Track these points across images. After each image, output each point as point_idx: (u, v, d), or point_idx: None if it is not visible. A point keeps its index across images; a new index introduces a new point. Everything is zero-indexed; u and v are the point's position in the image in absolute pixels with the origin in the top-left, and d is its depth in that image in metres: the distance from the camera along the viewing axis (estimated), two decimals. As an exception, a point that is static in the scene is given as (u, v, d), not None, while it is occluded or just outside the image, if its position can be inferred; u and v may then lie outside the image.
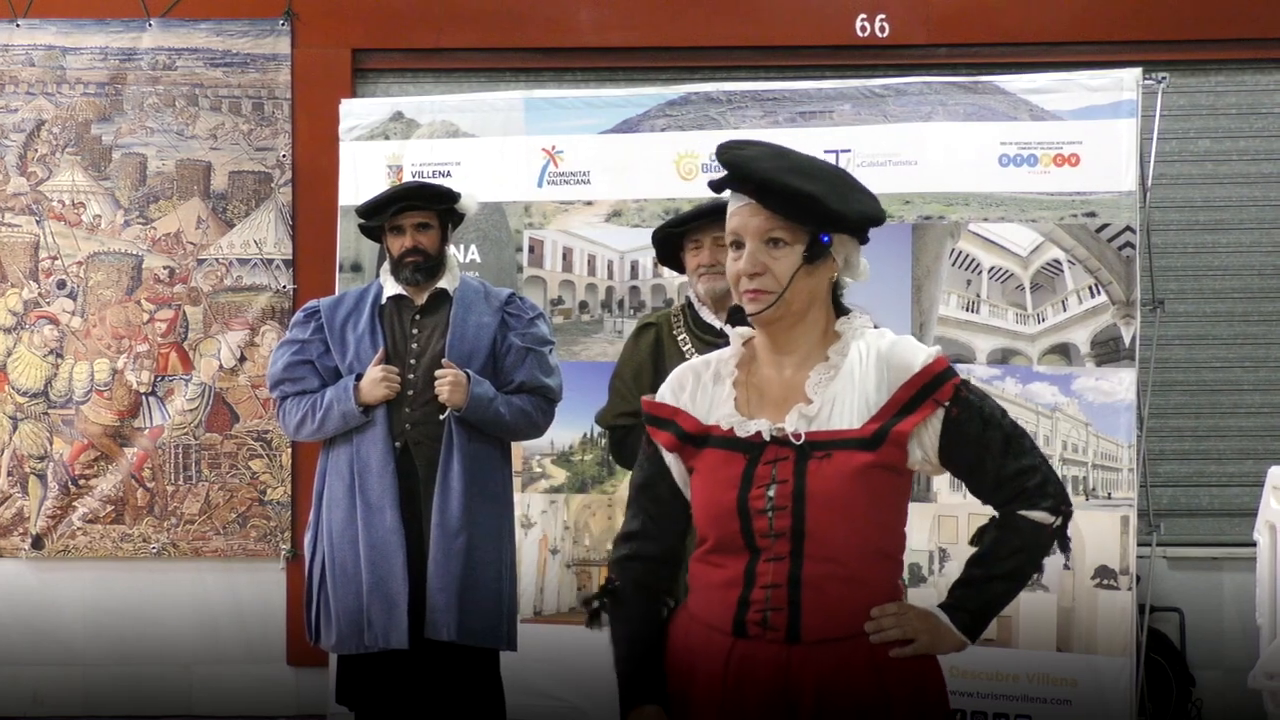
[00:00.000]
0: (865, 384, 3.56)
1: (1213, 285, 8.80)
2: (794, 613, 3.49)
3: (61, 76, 8.91)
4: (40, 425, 8.85)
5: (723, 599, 3.56)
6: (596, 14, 8.92)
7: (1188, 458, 8.80)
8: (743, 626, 3.53)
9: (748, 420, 3.57)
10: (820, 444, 3.51)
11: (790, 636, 3.49)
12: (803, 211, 3.53)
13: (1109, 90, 7.52)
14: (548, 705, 7.72)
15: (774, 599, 3.49)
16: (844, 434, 3.51)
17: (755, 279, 3.53)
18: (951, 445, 3.57)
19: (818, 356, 3.61)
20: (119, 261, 8.88)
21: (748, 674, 3.51)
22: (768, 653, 3.50)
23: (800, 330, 3.61)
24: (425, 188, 6.54)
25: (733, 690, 3.52)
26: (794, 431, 3.52)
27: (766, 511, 3.50)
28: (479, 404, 6.19)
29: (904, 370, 3.55)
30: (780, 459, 3.52)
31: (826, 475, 3.47)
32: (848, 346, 3.61)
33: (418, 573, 6.19)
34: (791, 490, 3.48)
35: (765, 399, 3.61)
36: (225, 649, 8.94)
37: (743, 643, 3.52)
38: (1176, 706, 8.32)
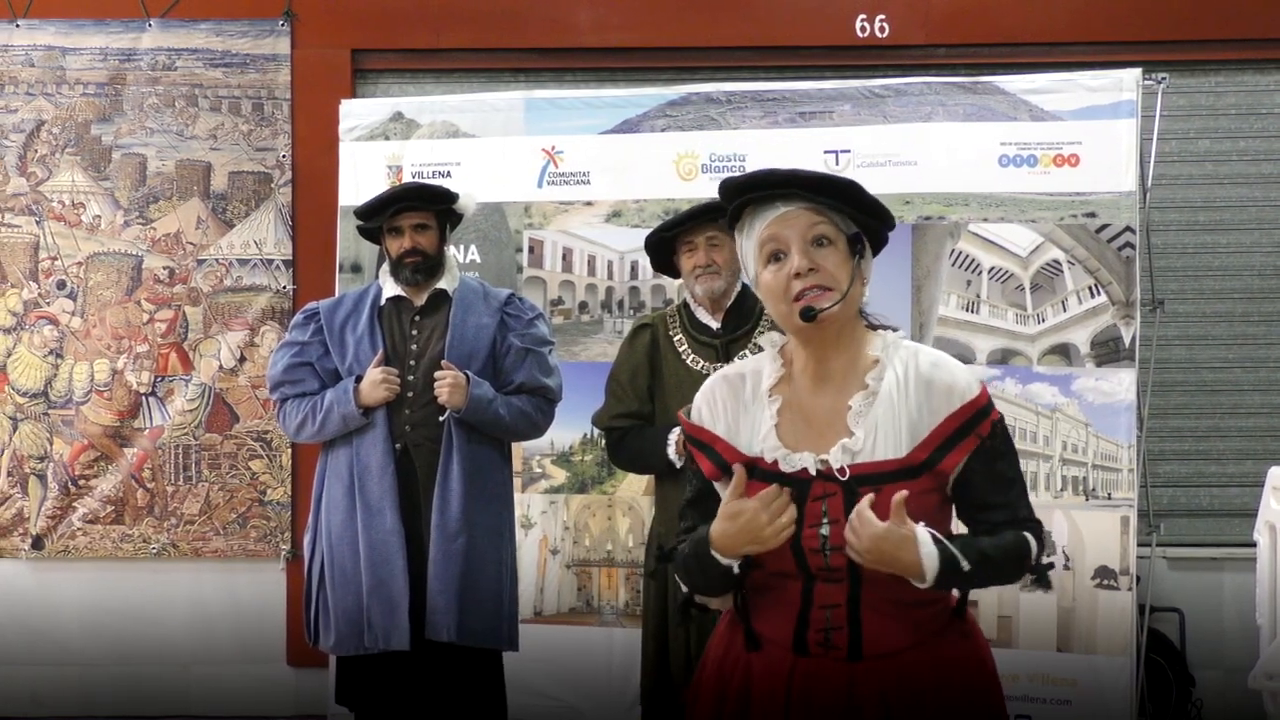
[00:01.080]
0: (908, 408, 3.54)
1: (1213, 285, 8.80)
2: (854, 631, 3.53)
3: (61, 77, 8.91)
4: (40, 426, 8.85)
5: (781, 615, 3.60)
6: (596, 14, 8.92)
7: (1188, 458, 8.80)
8: (804, 645, 3.56)
9: (792, 454, 3.56)
10: (867, 478, 3.49)
11: (852, 655, 3.53)
12: (850, 196, 3.56)
13: (1109, 90, 7.53)
14: (547, 705, 7.73)
15: (834, 619, 3.54)
16: (889, 465, 3.50)
17: (813, 275, 3.50)
18: (972, 474, 3.56)
19: (856, 383, 3.58)
20: (119, 262, 8.88)
21: (814, 690, 3.54)
22: (831, 671, 3.54)
23: (839, 347, 3.59)
24: (423, 188, 6.55)
25: (798, 706, 3.55)
26: (839, 467, 3.51)
27: (821, 550, 3.51)
28: (478, 405, 6.19)
29: (949, 395, 3.55)
30: (829, 494, 3.51)
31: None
32: (884, 370, 3.58)
33: (417, 574, 6.19)
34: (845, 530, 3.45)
35: (808, 428, 3.59)
36: (224, 649, 8.94)
37: (805, 660, 3.56)
38: (1176, 707, 8.32)
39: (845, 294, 3.50)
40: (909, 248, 7.73)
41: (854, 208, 3.57)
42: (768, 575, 3.61)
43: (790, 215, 3.54)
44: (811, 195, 3.54)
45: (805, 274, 3.49)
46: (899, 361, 3.59)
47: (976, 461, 3.54)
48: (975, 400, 3.55)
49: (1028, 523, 3.62)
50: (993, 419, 3.56)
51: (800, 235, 3.52)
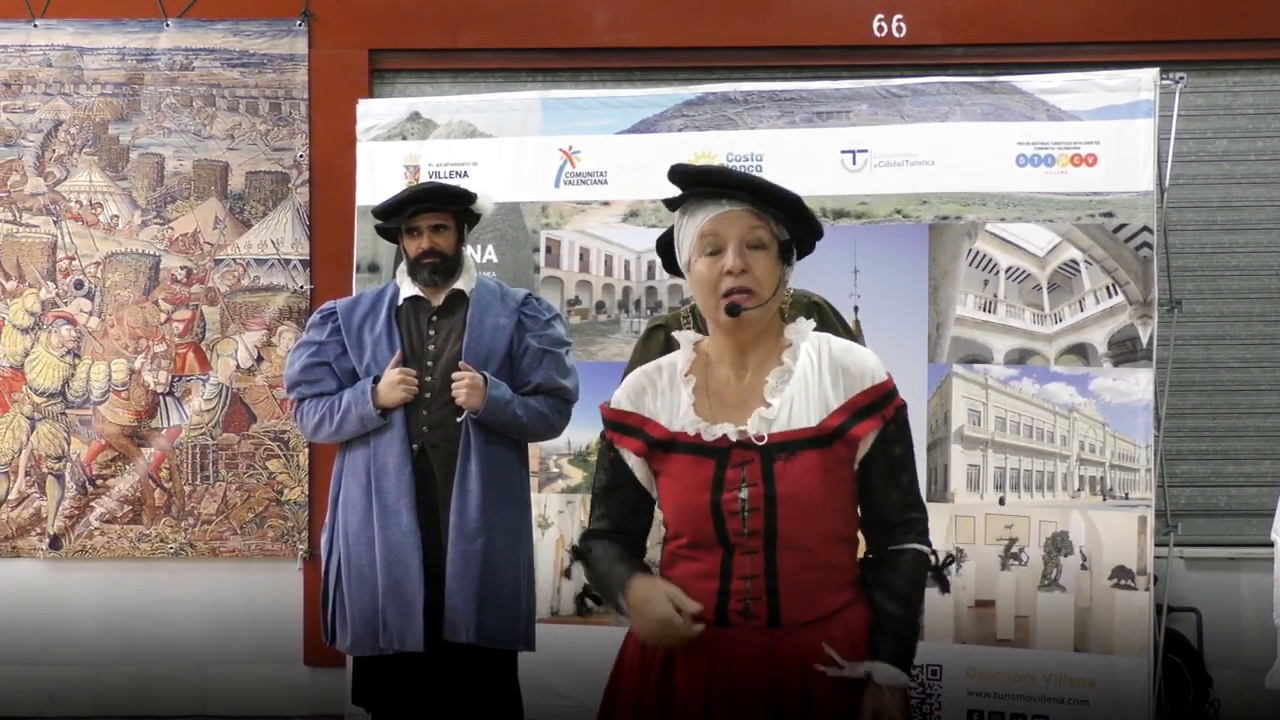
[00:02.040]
0: (821, 384, 3.80)
1: (1230, 285, 8.79)
2: (773, 600, 3.72)
3: (79, 77, 8.92)
4: (58, 425, 8.86)
5: (701, 589, 3.76)
6: (613, 14, 8.92)
7: (1205, 458, 8.79)
8: (725, 615, 3.74)
9: (711, 425, 3.78)
10: (783, 445, 3.73)
11: (771, 622, 3.72)
12: (791, 209, 3.80)
13: (1126, 90, 7.52)
14: (564, 705, 7.72)
15: (753, 589, 3.72)
16: (803, 433, 3.74)
17: (742, 277, 3.72)
18: (874, 457, 3.81)
19: (773, 361, 3.83)
20: (136, 262, 8.89)
21: (736, 658, 3.72)
22: (752, 639, 3.72)
23: (762, 334, 3.84)
24: (441, 189, 6.54)
25: (720, 674, 3.72)
26: (756, 434, 3.74)
27: (740, 513, 3.71)
28: (496, 406, 6.19)
29: (862, 375, 3.81)
30: (747, 461, 3.73)
31: (792, 475, 3.70)
32: (799, 350, 3.84)
33: (434, 575, 6.20)
34: (763, 493, 3.70)
35: (725, 403, 3.82)
36: (241, 649, 8.95)
37: (726, 630, 3.73)
38: (1194, 707, 8.31)
39: (768, 300, 3.76)
40: (926, 247, 7.73)
41: (794, 220, 3.82)
42: (686, 548, 3.82)
43: (732, 215, 3.76)
44: (757, 202, 3.76)
45: (737, 274, 3.72)
46: (811, 345, 3.86)
47: (880, 442, 3.79)
48: (884, 383, 3.81)
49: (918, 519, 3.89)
50: (896, 404, 3.83)
51: (739, 236, 3.74)
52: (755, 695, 3.70)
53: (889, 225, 7.72)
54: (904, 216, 7.73)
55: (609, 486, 3.98)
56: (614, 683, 4.02)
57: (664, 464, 3.85)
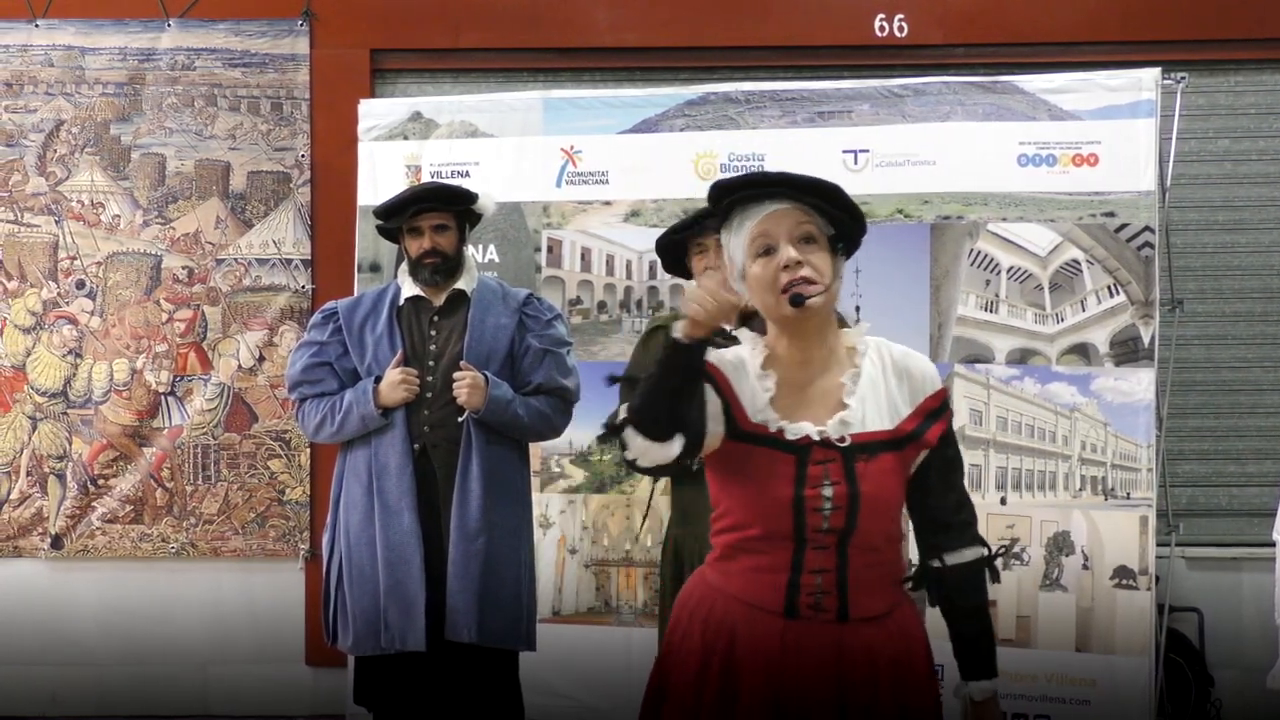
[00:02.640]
0: (889, 388, 3.88)
1: (1232, 285, 8.79)
2: (842, 595, 3.80)
3: (80, 77, 8.93)
4: (59, 425, 8.86)
5: (770, 582, 3.82)
6: (614, 14, 8.92)
7: (1207, 458, 8.79)
8: (795, 608, 3.80)
9: (792, 423, 3.80)
10: (863, 446, 3.79)
11: (840, 616, 3.80)
12: (835, 199, 3.82)
13: (1128, 90, 7.52)
14: (565, 705, 7.73)
15: (824, 583, 3.80)
16: (881, 435, 3.82)
17: (800, 268, 3.75)
18: (933, 460, 3.93)
19: (842, 363, 3.88)
20: (138, 261, 8.90)
21: (805, 650, 3.79)
22: (822, 631, 3.80)
23: (819, 338, 3.86)
24: (443, 189, 6.54)
25: (791, 666, 3.79)
26: (839, 437, 3.79)
27: (823, 510, 3.77)
28: (497, 406, 6.19)
29: (925, 380, 3.92)
30: (829, 460, 3.78)
31: (872, 476, 3.78)
32: (863, 356, 3.90)
33: (435, 574, 6.20)
34: (846, 492, 3.76)
35: (801, 400, 3.84)
36: (243, 649, 8.95)
37: (796, 623, 3.81)
38: (1195, 707, 8.31)
39: (829, 286, 3.78)
40: (928, 247, 7.73)
41: (836, 208, 3.84)
42: (757, 540, 3.84)
43: (779, 213, 3.81)
44: (799, 195, 3.81)
45: (793, 266, 3.75)
46: (873, 350, 3.93)
47: (937, 448, 3.92)
48: (945, 389, 3.97)
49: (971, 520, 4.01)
50: (951, 410, 4.00)
51: (789, 232, 3.78)
52: (823, 687, 3.79)
53: (890, 225, 7.72)
54: (905, 216, 7.73)
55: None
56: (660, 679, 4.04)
57: (735, 454, 3.86)
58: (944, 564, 3.97)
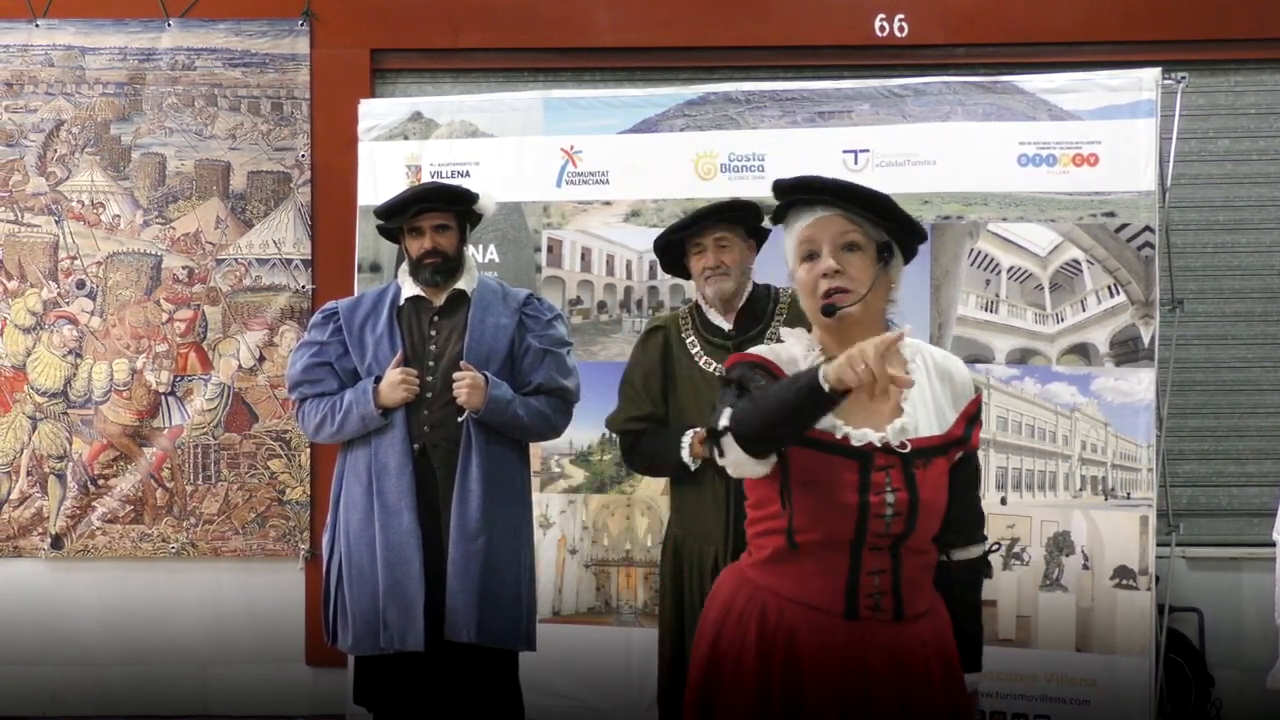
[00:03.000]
0: (936, 394, 3.98)
1: (1232, 285, 8.79)
2: (897, 595, 3.91)
3: (80, 76, 8.93)
4: (59, 425, 8.86)
5: (828, 585, 3.90)
6: (615, 14, 8.92)
7: (1207, 458, 8.79)
8: (855, 610, 3.89)
9: (855, 429, 3.84)
10: (920, 452, 3.89)
11: (897, 616, 3.91)
12: (879, 208, 3.90)
13: (1128, 90, 7.52)
14: (565, 705, 7.73)
15: (881, 584, 3.89)
16: (937, 440, 3.94)
17: (838, 277, 3.85)
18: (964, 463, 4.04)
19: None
20: (138, 261, 8.89)
21: (869, 650, 3.88)
22: (883, 630, 3.90)
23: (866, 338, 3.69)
24: (443, 189, 6.53)
25: (855, 666, 3.87)
26: (900, 443, 3.87)
27: (885, 516, 3.85)
28: (497, 406, 6.19)
29: (965, 384, 4.04)
30: (890, 466, 3.86)
31: (929, 483, 3.89)
32: (911, 360, 3.97)
33: (435, 574, 6.20)
34: (907, 498, 3.85)
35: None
36: (243, 649, 8.95)
37: (857, 624, 3.89)
38: (1195, 706, 8.31)
39: (863, 296, 3.83)
40: (927, 247, 7.71)
41: (883, 219, 3.91)
42: (817, 544, 3.89)
43: (826, 220, 3.89)
44: (845, 204, 3.88)
45: (832, 275, 3.84)
46: (918, 354, 4.00)
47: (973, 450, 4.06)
48: (980, 392, 4.09)
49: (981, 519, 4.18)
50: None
51: (832, 239, 3.86)
52: (887, 686, 3.87)
53: (891, 225, 7.72)
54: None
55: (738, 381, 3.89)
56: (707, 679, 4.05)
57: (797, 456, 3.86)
58: (950, 559, 4.08)
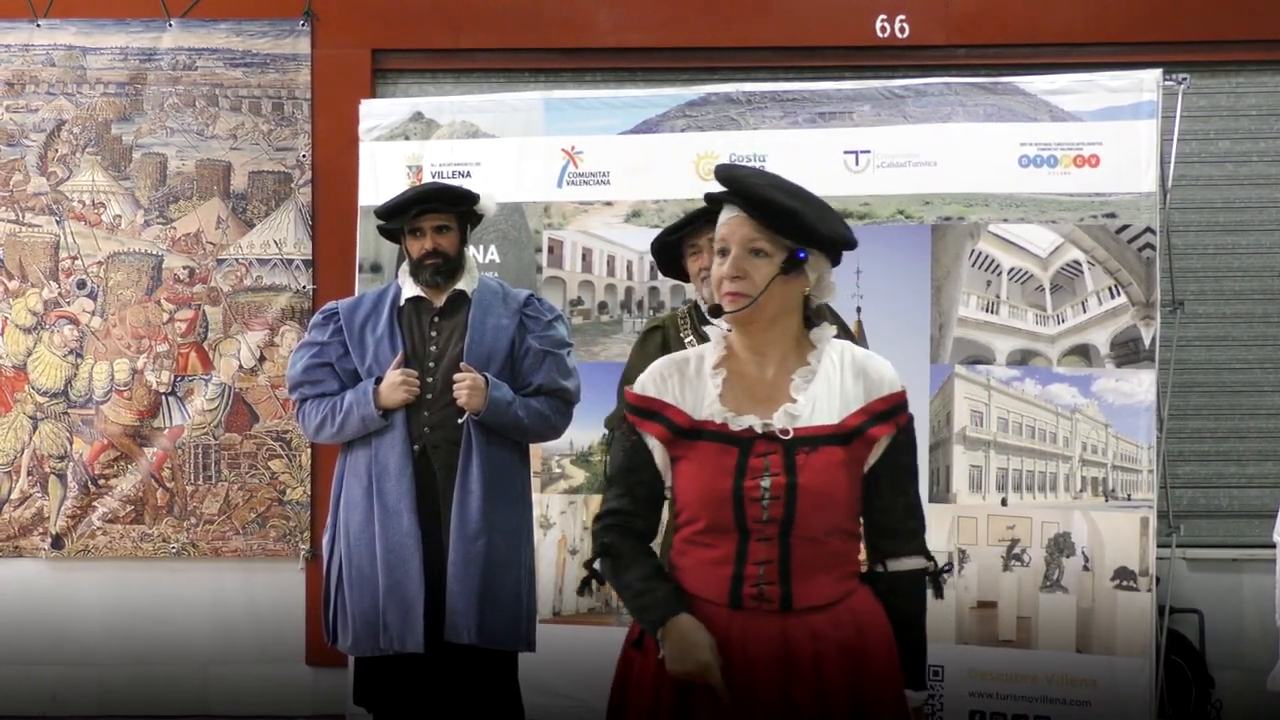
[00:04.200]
0: (844, 386, 3.98)
1: (1233, 287, 8.79)
2: (785, 586, 3.89)
3: (82, 76, 8.93)
4: (60, 425, 8.87)
5: (716, 575, 3.93)
6: (616, 14, 8.92)
7: (1207, 459, 8.79)
8: (739, 599, 3.90)
9: (739, 415, 3.93)
10: (805, 439, 3.90)
11: (784, 606, 3.89)
12: (785, 224, 3.91)
13: (1129, 91, 7.53)
14: (566, 705, 7.73)
15: (767, 574, 3.89)
16: (824, 429, 3.92)
17: (735, 282, 3.91)
18: (884, 463, 4.00)
19: (796, 360, 4.00)
20: (139, 261, 8.90)
21: (750, 640, 3.88)
22: (765, 622, 3.89)
23: (773, 334, 3.99)
24: (444, 190, 6.52)
25: (736, 655, 3.86)
26: (782, 428, 3.90)
27: (761, 500, 3.87)
28: (497, 407, 6.18)
29: (881, 382, 4.00)
30: (770, 452, 3.89)
31: (813, 469, 3.88)
32: (823, 353, 4.01)
33: (435, 575, 6.19)
34: (784, 483, 3.86)
35: (751, 396, 3.97)
36: (243, 649, 8.96)
37: (740, 614, 3.90)
38: (1196, 708, 8.31)
39: (753, 300, 3.89)
40: (928, 248, 7.73)
41: (793, 236, 3.93)
42: (701, 534, 3.96)
43: (738, 221, 3.95)
44: (752, 213, 3.93)
45: (730, 278, 3.92)
46: (834, 349, 4.04)
47: (890, 450, 3.99)
48: (900, 393, 4.01)
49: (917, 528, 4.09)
50: (908, 414, 4.03)
51: (741, 242, 3.92)
52: (768, 675, 3.85)
53: (891, 226, 7.73)
54: (906, 217, 7.74)
55: (628, 468, 4.09)
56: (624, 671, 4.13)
57: (686, 451, 3.98)
58: (885, 569, 4.04)
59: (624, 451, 4.10)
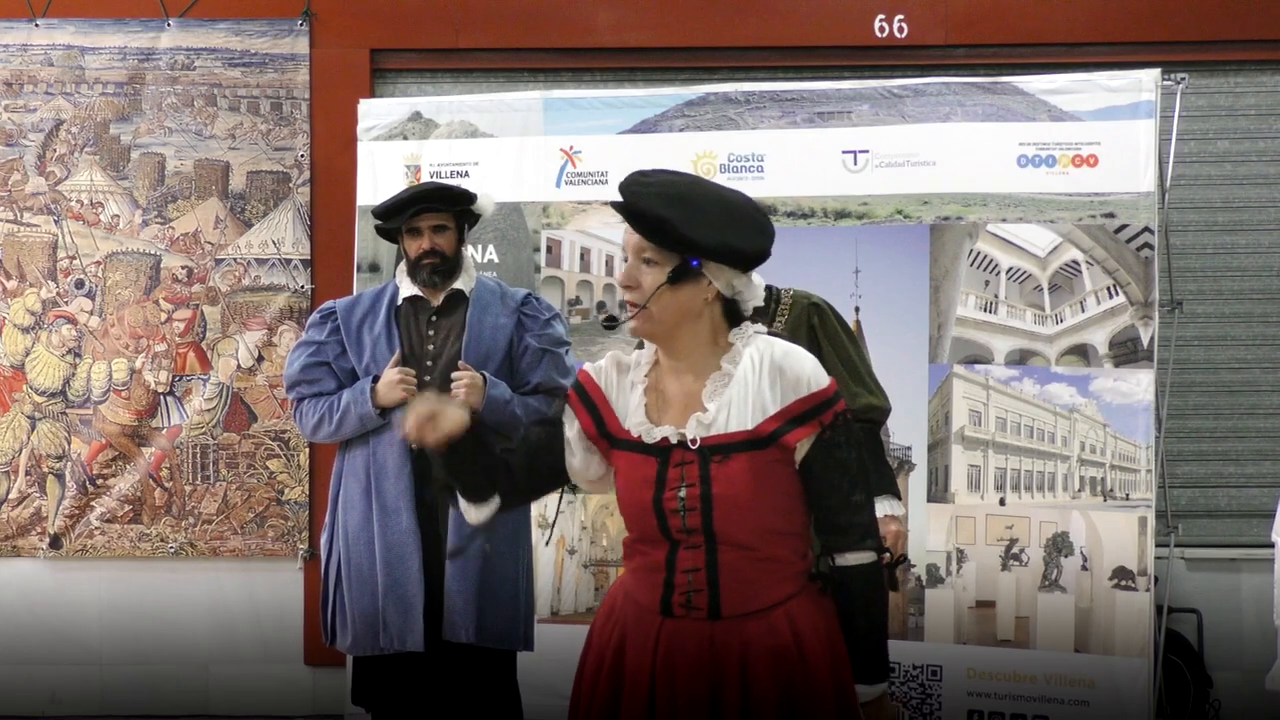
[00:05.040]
0: (760, 388, 3.94)
1: (1231, 286, 8.79)
2: (714, 593, 3.92)
3: (80, 76, 8.93)
4: (58, 425, 8.86)
5: (650, 581, 4.00)
6: (615, 14, 8.92)
7: (1206, 459, 8.79)
8: (669, 607, 3.96)
9: (654, 427, 3.98)
10: (717, 448, 3.91)
11: (712, 614, 3.92)
12: (655, 233, 3.90)
13: (1128, 91, 7.52)
14: (564, 705, 7.69)
15: (695, 582, 3.93)
16: (737, 436, 3.91)
17: (628, 291, 3.96)
18: (814, 461, 3.96)
19: (712, 365, 3.99)
20: (137, 261, 8.90)
21: (677, 648, 3.93)
22: (693, 629, 3.93)
23: (682, 342, 4.00)
24: (443, 189, 6.52)
25: (663, 662, 3.93)
26: (692, 438, 3.93)
27: (679, 511, 3.92)
28: (496, 406, 6.18)
29: (799, 382, 3.94)
30: (686, 462, 3.93)
31: (727, 477, 3.89)
32: (739, 355, 3.98)
33: (434, 575, 6.19)
34: (699, 493, 3.90)
35: (670, 405, 4.01)
36: (242, 649, 8.95)
37: (670, 621, 3.96)
38: (1194, 707, 8.31)
39: (641, 309, 3.92)
40: (927, 248, 7.73)
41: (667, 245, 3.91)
42: (635, 543, 4.06)
43: (629, 230, 3.98)
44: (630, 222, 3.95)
45: (624, 288, 3.98)
46: (754, 349, 3.99)
47: (817, 448, 3.94)
48: (822, 391, 3.95)
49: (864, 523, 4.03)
50: (836, 409, 3.97)
51: (634, 251, 3.97)
52: (696, 684, 3.89)
53: (890, 226, 7.73)
54: (905, 217, 7.73)
55: (548, 422, 4.23)
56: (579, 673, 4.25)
57: (617, 459, 4.06)
58: (834, 564, 4.00)
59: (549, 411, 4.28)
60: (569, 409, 4.14)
